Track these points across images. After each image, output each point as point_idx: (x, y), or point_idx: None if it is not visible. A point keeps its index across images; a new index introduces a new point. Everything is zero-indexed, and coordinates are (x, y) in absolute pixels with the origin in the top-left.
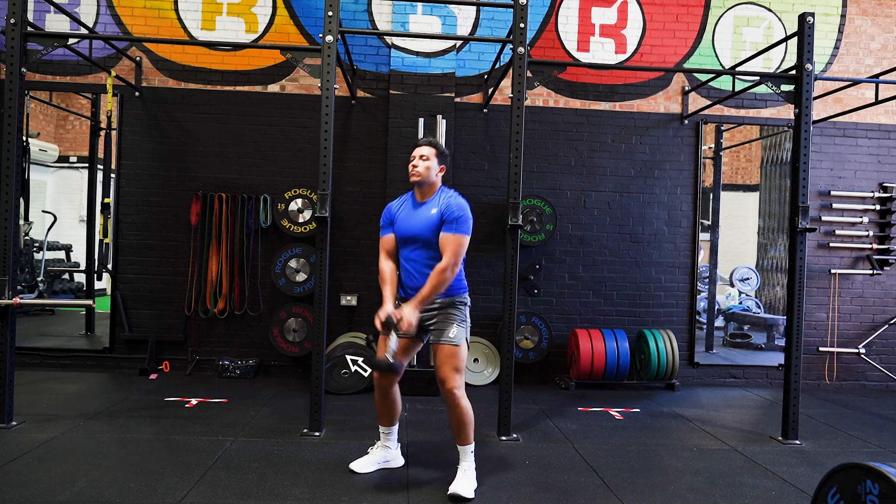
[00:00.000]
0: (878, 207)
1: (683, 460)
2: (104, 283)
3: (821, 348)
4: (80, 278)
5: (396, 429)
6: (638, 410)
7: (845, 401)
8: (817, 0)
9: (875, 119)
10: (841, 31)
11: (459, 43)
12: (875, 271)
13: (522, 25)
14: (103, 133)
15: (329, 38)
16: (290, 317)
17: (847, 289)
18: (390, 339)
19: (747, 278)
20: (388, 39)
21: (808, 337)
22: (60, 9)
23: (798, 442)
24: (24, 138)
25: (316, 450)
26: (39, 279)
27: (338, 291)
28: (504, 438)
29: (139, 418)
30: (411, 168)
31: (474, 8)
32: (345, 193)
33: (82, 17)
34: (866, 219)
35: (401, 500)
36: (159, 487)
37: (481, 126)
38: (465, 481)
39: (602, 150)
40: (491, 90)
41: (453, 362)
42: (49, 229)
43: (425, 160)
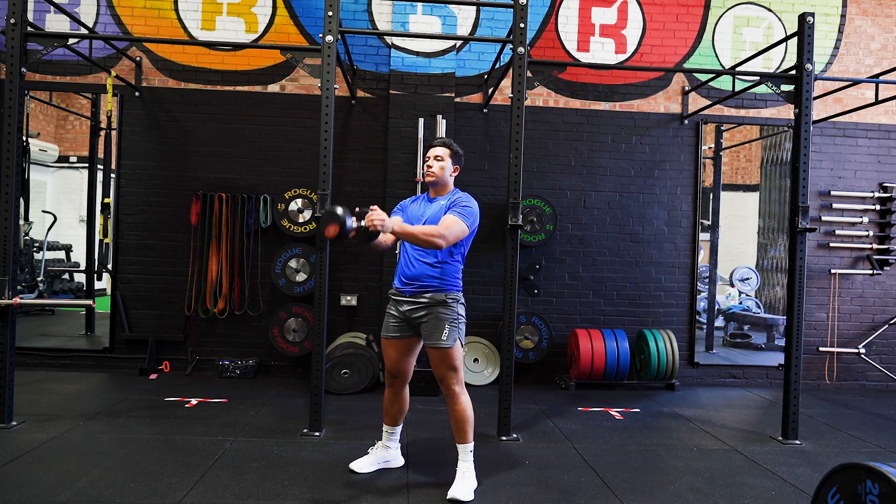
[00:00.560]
0: (878, 207)
1: (683, 460)
2: (104, 283)
3: (821, 348)
4: (80, 278)
5: (400, 429)
6: (638, 410)
7: (845, 401)
8: (817, 0)
9: (875, 119)
10: (841, 31)
11: (459, 43)
12: (875, 271)
13: (522, 25)
14: (103, 133)
15: (329, 38)
16: (290, 317)
17: (847, 289)
18: (354, 218)
19: (747, 278)
20: (388, 39)
21: (808, 337)
22: (60, 9)
23: (798, 442)
24: (24, 138)
25: (316, 450)
26: (39, 279)
27: (338, 291)
28: (504, 438)
29: (139, 418)
30: (426, 168)
31: (474, 8)
32: (345, 193)
33: (82, 17)
34: (866, 219)
35: (401, 500)
36: (159, 487)
37: (481, 126)
38: (464, 483)
39: (602, 150)
40: (491, 90)
41: (447, 362)
42: (49, 229)
43: (440, 160)
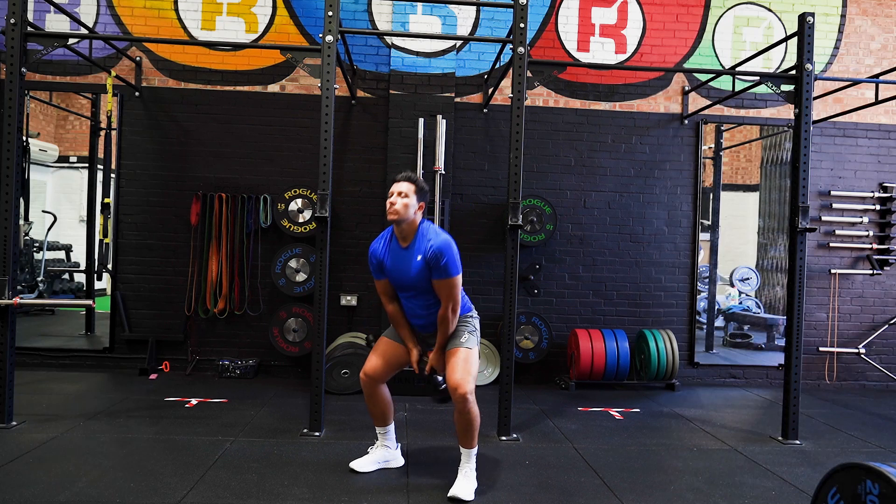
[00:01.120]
0: (878, 207)
1: (683, 460)
2: (104, 283)
3: (821, 348)
4: (80, 278)
5: (393, 428)
6: (638, 410)
7: (845, 401)
8: (817, 0)
9: (875, 119)
10: (841, 31)
11: (459, 43)
12: (875, 271)
13: (522, 25)
14: (103, 133)
15: (329, 38)
16: (290, 317)
17: (847, 289)
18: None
19: (747, 278)
20: (388, 39)
21: (808, 337)
22: (60, 9)
23: (798, 442)
24: (24, 138)
25: (316, 450)
26: (39, 279)
27: (338, 291)
28: (504, 438)
29: (139, 418)
30: (389, 206)
31: (474, 8)
32: (345, 193)
33: (82, 17)
34: (866, 219)
35: (401, 500)
36: (159, 487)
37: (481, 126)
38: (466, 483)
39: (602, 150)
40: (491, 90)
41: (466, 366)
42: (49, 229)
43: (404, 197)
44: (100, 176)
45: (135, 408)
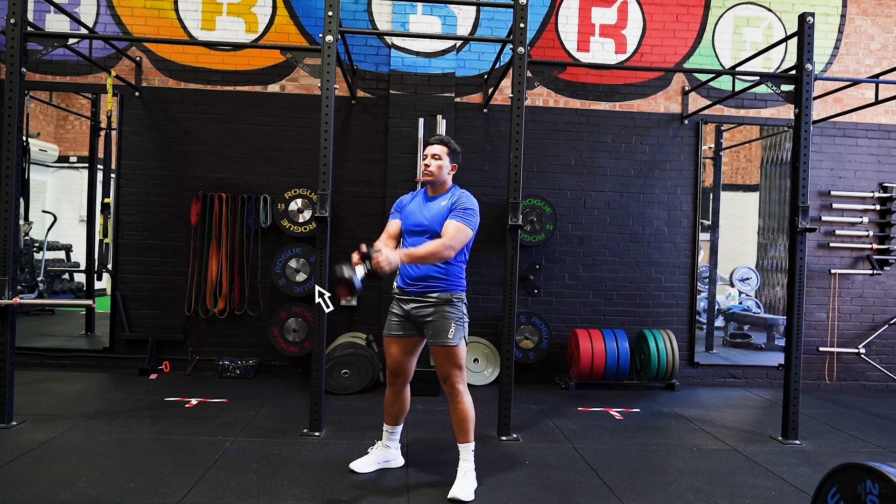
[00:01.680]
0: (878, 207)
1: (683, 460)
2: (104, 283)
3: (821, 348)
4: (80, 278)
5: (400, 429)
6: (638, 410)
7: (845, 401)
8: (817, 0)
9: (875, 119)
10: (841, 31)
11: (459, 43)
12: (875, 271)
13: (522, 25)
14: (103, 133)
15: (329, 38)
16: (290, 317)
17: (847, 289)
18: (359, 266)
19: (747, 278)
20: (388, 39)
21: (808, 337)
22: (60, 9)
23: (798, 442)
24: (24, 138)
25: (316, 450)
26: (39, 279)
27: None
28: (504, 438)
29: (139, 418)
30: (424, 167)
31: (474, 8)
32: (345, 193)
33: (82, 17)
34: (866, 219)
35: (401, 500)
36: (159, 487)
37: (481, 126)
38: (465, 483)
39: (602, 150)
40: (491, 90)
41: (452, 360)
42: (49, 229)
43: (437, 159)
44: (100, 176)
45: (135, 408)
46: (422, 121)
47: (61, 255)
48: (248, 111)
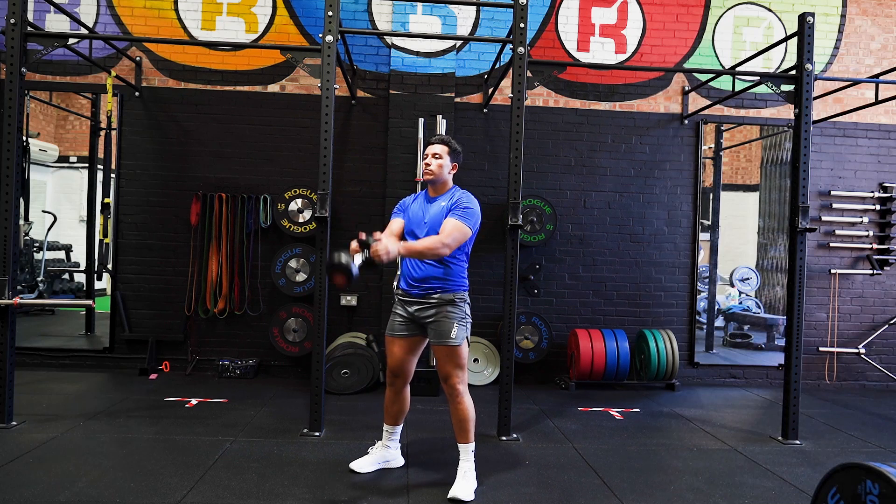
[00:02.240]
0: (878, 207)
1: (683, 460)
2: (104, 283)
3: (821, 348)
4: (80, 278)
5: (400, 429)
6: (638, 410)
7: (845, 401)
8: (817, 0)
9: (875, 119)
10: (841, 31)
11: (459, 43)
12: (875, 271)
13: (522, 25)
14: (103, 133)
15: (329, 38)
16: (290, 317)
17: (847, 289)
18: (357, 254)
19: (747, 278)
20: (388, 39)
21: (808, 337)
22: (60, 9)
23: (798, 442)
24: (24, 138)
25: (316, 450)
26: (39, 279)
27: (338, 291)
28: (504, 438)
29: (139, 418)
30: (424, 166)
31: (474, 8)
32: (345, 193)
33: (82, 17)
34: (866, 219)
35: (401, 500)
36: (159, 487)
37: (481, 126)
38: (465, 483)
39: (602, 150)
40: (491, 90)
41: (454, 360)
42: (49, 229)
43: (438, 158)
44: (100, 176)
45: (135, 408)
46: (422, 121)
47: (61, 255)
48: (248, 111)
